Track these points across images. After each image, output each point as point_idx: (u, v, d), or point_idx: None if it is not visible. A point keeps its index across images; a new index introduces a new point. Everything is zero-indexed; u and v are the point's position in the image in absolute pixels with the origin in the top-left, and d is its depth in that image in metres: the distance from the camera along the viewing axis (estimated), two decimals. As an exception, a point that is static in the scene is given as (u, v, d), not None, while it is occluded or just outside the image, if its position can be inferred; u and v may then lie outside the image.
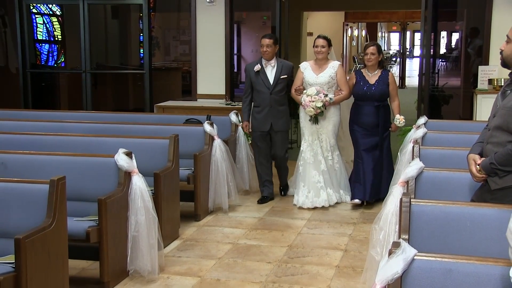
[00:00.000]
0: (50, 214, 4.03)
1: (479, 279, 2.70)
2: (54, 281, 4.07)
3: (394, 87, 7.00)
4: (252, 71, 7.06)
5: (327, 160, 6.95)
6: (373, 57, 6.84)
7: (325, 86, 6.82)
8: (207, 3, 9.56)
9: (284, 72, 7.03)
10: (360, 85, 6.90)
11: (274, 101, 7.00)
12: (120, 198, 4.80)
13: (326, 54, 6.93)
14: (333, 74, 6.88)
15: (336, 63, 6.99)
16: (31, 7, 10.96)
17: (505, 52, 3.50)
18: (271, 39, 7.05)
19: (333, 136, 6.98)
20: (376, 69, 6.93)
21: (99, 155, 5.16)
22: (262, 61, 7.07)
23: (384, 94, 6.88)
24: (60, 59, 12.39)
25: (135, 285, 4.84)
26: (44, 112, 8.41)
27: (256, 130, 7.13)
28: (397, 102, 6.99)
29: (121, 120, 7.36)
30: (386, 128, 6.93)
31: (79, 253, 4.79)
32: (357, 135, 6.97)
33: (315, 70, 6.95)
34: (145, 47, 10.29)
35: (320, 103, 6.59)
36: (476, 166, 3.57)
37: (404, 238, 3.36)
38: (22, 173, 4.87)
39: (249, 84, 7.15)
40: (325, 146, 6.94)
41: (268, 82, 6.99)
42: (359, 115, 6.94)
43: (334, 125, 6.96)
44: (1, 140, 6.14)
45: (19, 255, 3.72)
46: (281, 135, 7.15)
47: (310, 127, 6.92)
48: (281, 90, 7.05)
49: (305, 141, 7.00)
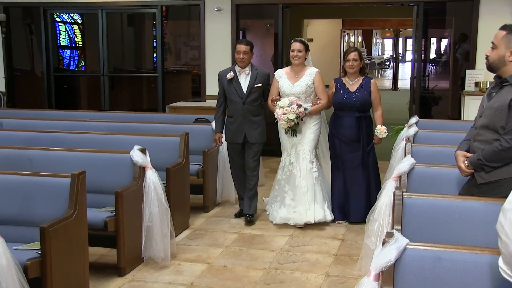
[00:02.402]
0: (71, 205, 4.04)
1: (466, 266, 2.69)
2: (75, 266, 4.09)
3: (377, 95, 5.98)
4: (224, 79, 6.06)
5: (310, 173, 5.91)
6: (355, 63, 5.89)
7: (302, 95, 5.88)
8: (215, 12, 9.56)
9: (259, 80, 6.00)
10: (339, 93, 5.94)
11: (248, 111, 6.00)
12: (135, 191, 4.81)
13: (303, 60, 5.96)
14: (310, 82, 5.91)
15: (314, 69, 5.97)
16: (54, 16, 10.96)
17: (491, 57, 3.49)
18: (247, 45, 6.02)
19: (314, 147, 5.99)
20: (358, 76, 5.98)
21: (116, 151, 5.16)
22: (236, 68, 6.07)
23: (365, 103, 5.91)
24: (80, 63, 12.40)
25: (149, 271, 4.85)
26: (66, 112, 8.44)
27: (229, 141, 6.16)
28: (379, 112, 6.02)
29: (136, 119, 7.37)
30: (369, 142, 5.99)
31: (98, 241, 4.79)
32: (337, 149, 6.03)
33: (291, 79, 5.97)
34: (158, 52, 10.29)
35: (292, 115, 5.63)
36: (465, 162, 3.57)
37: (397, 228, 3.35)
38: (46, 167, 4.87)
39: (222, 93, 6.13)
40: (308, 158, 5.92)
41: (241, 91, 5.98)
42: (339, 128, 5.98)
43: (314, 135, 5.97)
44: (27, 137, 6.15)
45: (44, 242, 3.74)
46: (257, 147, 6.09)
47: (290, 139, 5.94)
48: (256, 99, 6.03)
49: (286, 154, 6.03)
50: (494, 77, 3.57)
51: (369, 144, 5.97)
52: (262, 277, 4.74)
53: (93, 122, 7.18)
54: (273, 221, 6.02)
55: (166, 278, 4.70)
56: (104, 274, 4.74)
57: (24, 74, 11.34)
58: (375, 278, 2.81)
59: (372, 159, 6.05)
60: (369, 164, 6.00)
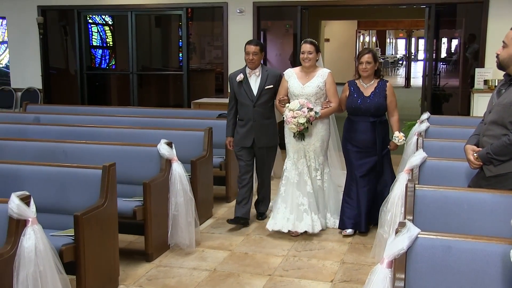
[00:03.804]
0: (102, 195, 4.07)
1: (474, 255, 2.68)
2: (106, 252, 4.12)
3: (393, 99, 5.30)
4: (234, 81, 5.52)
5: (314, 180, 5.36)
6: (369, 66, 5.21)
7: (312, 97, 5.24)
8: (238, 13, 9.55)
9: (270, 81, 5.47)
10: (353, 98, 5.27)
11: (258, 114, 5.46)
12: (162, 182, 4.83)
13: (314, 61, 5.32)
14: (322, 83, 5.27)
15: (325, 71, 5.34)
16: (87, 18, 11.05)
17: (501, 56, 3.45)
18: (257, 46, 5.49)
19: (321, 153, 5.37)
20: (372, 79, 5.30)
21: (144, 144, 5.18)
22: (246, 70, 5.53)
23: (380, 107, 5.24)
24: (111, 62, 12.47)
25: (175, 257, 4.87)
26: (98, 108, 8.50)
27: (237, 145, 5.60)
28: (396, 117, 5.33)
29: (162, 115, 7.37)
30: (384, 146, 5.32)
31: (127, 228, 4.82)
32: (350, 156, 5.35)
33: (301, 79, 5.32)
34: (183, 52, 10.32)
35: (303, 118, 5.03)
36: (474, 155, 3.54)
37: (409, 218, 3.33)
38: (80, 159, 4.92)
39: (232, 96, 5.59)
40: (313, 165, 5.34)
41: (251, 93, 5.45)
42: (353, 133, 5.31)
43: (322, 141, 5.35)
44: (62, 131, 6.22)
45: (77, 229, 3.78)
46: (266, 152, 5.60)
47: (296, 144, 5.31)
48: (267, 101, 5.50)
49: (289, 159, 5.38)
50: (504, 75, 3.53)
51: (384, 149, 5.32)
52: (281, 263, 4.74)
53: (122, 117, 7.20)
54: (268, 228, 5.39)
55: (190, 263, 4.73)
56: (133, 260, 4.78)
57: (59, 72, 11.46)
58: (388, 265, 2.81)
59: (388, 164, 5.39)
60: (384, 169, 5.35)
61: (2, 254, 3.19)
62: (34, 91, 10.77)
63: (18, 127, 6.46)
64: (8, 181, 4.23)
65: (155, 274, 4.54)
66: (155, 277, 4.48)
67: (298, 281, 4.38)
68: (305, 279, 4.42)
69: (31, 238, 3.27)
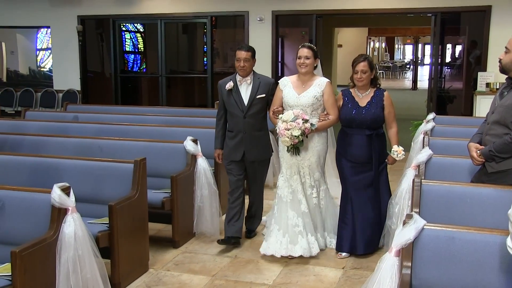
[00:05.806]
0: (134, 187, 4.11)
1: (477, 245, 2.66)
2: (137, 239, 4.15)
3: (391, 110, 4.46)
4: (223, 89, 4.70)
5: (310, 198, 4.53)
6: (364, 75, 4.39)
7: (308, 108, 4.41)
8: (258, 21, 9.57)
9: (262, 90, 4.62)
10: (347, 108, 4.45)
11: (249, 125, 4.63)
12: (188, 176, 4.85)
13: (311, 68, 4.50)
14: (319, 94, 4.43)
15: (324, 80, 4.50)
16: (121, 26, 11.14)
17: (504, 60, 3.42)
18: (248, 51, 4.63)
19: (317, 169, 4.53)
20: (368, 89, 4.48)
21: (171, 141, 5.19)
22: (236, 78, 4.71)
23: (377, 119, 4.41)
24: (142, 66, 12.55)
25: (200, 244, 4.89)
26: (130, 107, 8.55)
27: (226, 158, 4.78)
28: (394, 129, 4.49)
29: (188, 114, 7.37)
30: (381, 161, 4.49)
31: (156, 217, 4.84)
32: (345, 171, 4.51)
33: (296, 88, 4.49)
34: (208, 56, 10.38)
35: (297, 131, 4.21)
36: (477, 152, 3.50)
37: (416, 211, 3.31)
38: (114, 154, 4.95)
39: (222, 105, 4.76)
40: (308, 182, 4.52)
41: (241, 103, 4.62)
42: (347, 146, 4.48)
43: (319, 156, 4.51)
44: (98, 129, 6.26)
45: (111, 218, 3.82)
46: (258, 166, 4.79)
47: (290, 159, 4.49)
48: (258, 112, 4.66)
49: (282, 175, 4.56)
50: (506, 78, 3.50)
51: (381, 164, 4.50)
52: (296, 251, 4.71)
53: (152, 116, 7.22)
54: (261, 251, 4.55)
55: (214, 250, 4.74)
56: (161, 246, 4.81)
57: (95, 75, 11.58)
58: (396, 254, 2.81)
59: (384, 180, 4.56)
60: (380, 186, 4.53)
61: (46, 239, 3.23)
62: (74, 92, 10.90)
63: (59, 125, 6.53)
64: (50, 174, 4.28)
65: (181, 259, 4.56)
66: (181, 262, 4.50)
67: (313, 268, 4.37)
68: (318, 266, 4.41)
69: (71, 225, 3.31)
